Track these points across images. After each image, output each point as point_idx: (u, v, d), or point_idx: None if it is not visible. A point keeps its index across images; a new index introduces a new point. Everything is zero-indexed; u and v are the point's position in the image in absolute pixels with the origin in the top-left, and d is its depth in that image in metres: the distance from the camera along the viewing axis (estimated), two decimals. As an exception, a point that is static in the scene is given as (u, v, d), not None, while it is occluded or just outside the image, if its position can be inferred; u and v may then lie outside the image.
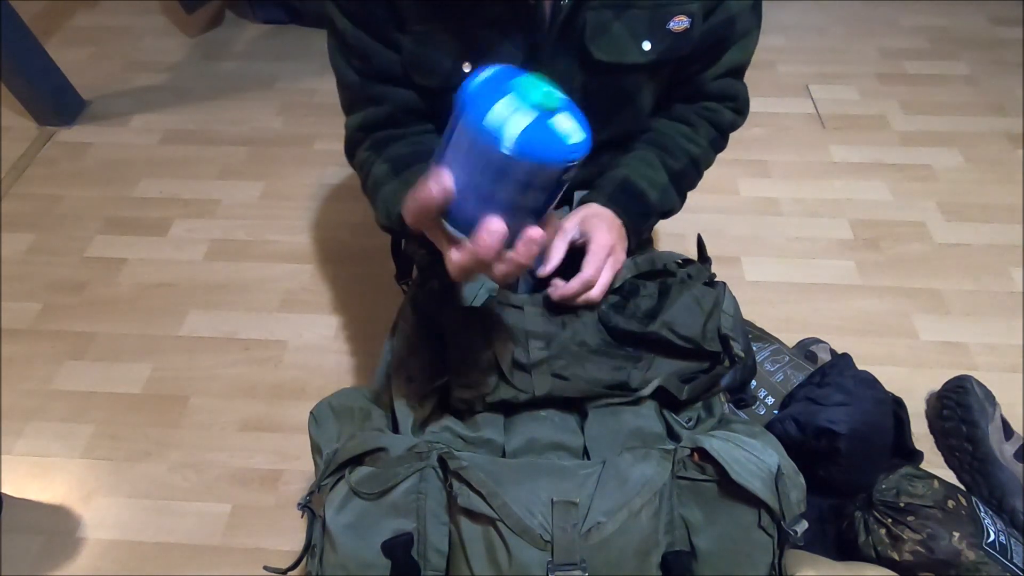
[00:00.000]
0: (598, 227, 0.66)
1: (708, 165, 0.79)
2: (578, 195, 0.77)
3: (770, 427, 0.88)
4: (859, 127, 1.60)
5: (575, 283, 0.64)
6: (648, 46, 0.65)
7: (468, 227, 0.41)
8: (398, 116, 0.71)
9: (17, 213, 1.46)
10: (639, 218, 0.71)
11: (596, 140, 0.73)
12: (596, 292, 0.65)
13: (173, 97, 1.75)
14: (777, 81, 1.73)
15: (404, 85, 0.69)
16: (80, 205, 1.48)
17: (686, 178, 0.76)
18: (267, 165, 1.56)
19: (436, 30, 0.64)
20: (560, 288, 0.64)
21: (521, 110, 0.37)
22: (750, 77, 0.78)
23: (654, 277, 0.74)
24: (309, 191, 1.49)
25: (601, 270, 0.65)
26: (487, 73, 0.39)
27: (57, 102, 1.66)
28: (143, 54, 1.90)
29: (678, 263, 0.76)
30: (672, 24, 0.65)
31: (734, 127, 0.80)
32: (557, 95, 0.39)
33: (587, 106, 0.69)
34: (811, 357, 1.04)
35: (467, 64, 0.66)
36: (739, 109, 0.78)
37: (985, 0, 1.95)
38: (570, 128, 0.39)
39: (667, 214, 0.77)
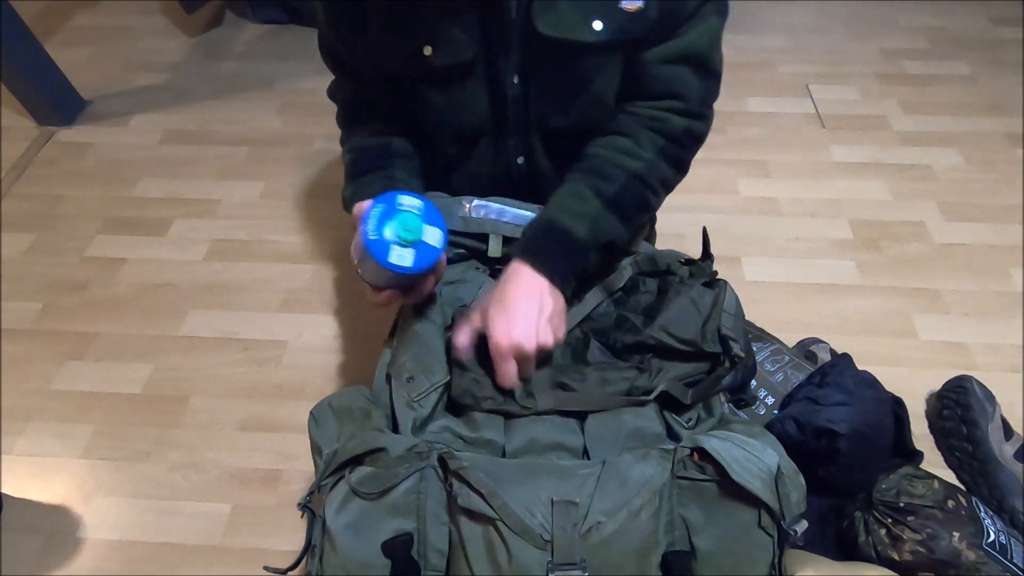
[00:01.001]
0: (495, 317, 0.63)
1: (664, 178, 0.72)
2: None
3: (770, 427, 0.88)
4: (859, 127, 1.60)
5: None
6: (599, 25, 0.64)
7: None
8: (360, 108, 0.80)
9: (17, 213, 1.46)
10: (564, 260, 0.67)
11: (553, 126, 0.74)
12: (508, 382, 0.63)
13: (173, 97, 1.75)
14: (777, 81, 1.73)
15: (366, 83, 0.76)
16: (80, 205, 1.48)
17: (627, 199, 0.69)
18: (267, 165, 1.56)
19: (396, 18, 0.66)
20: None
21: (406, 249, 0.59)
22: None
23: (655, 276, 0.74)
24: (309, 191, 1.50)
25: (507, 373, 0.62)
26: (374, 217, 0.59)
27: (57, 102, 1.66)
28: (143, 54, 1.90)
29: (680, 262, 0.76)
30: (624, 3, 0.64)
31: (691, 134, 0.71)
32: (419, 226, 0.59)
33: (542, 90, 0.71)
34: (811, 357, 1.04)
35: (427, 48, 0.67)
36: (693, 112, 0.70)
37: (985, 0, 1.95)
38: (435, 236, 0.61)
39: (610, 245, 0.70)
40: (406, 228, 0.58)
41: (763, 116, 1.62)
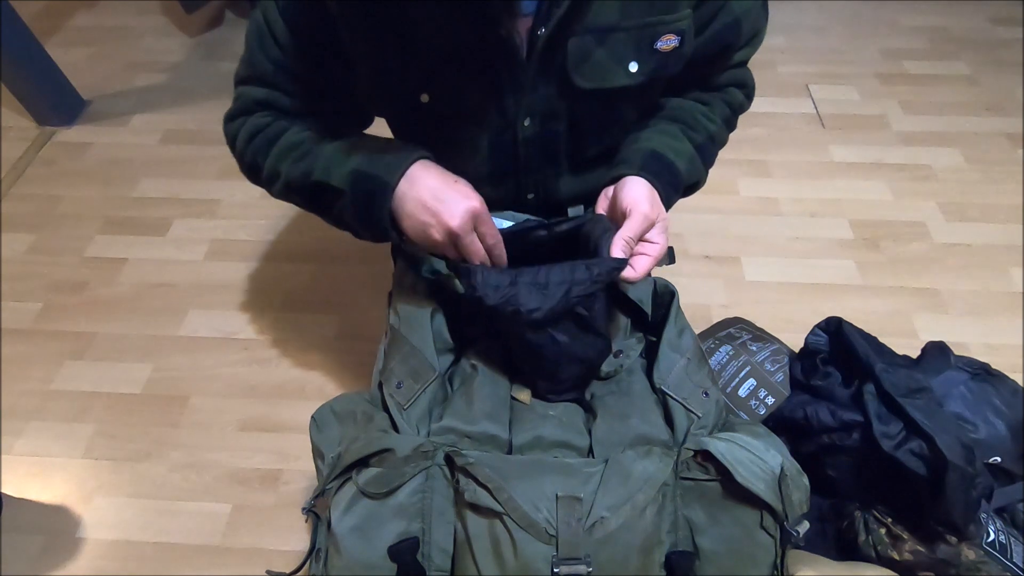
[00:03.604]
0: (639, 190, 0.61)
1: (722, 145, 0.77)
2: (572, 211, 0.76)
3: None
4: (859, 127, 1.60)
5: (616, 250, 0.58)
6: (635, 67, 0.64)
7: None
8: (306, 114, 0.71)
9: (17, 213, 1.46)
10: (670, 189, 0.66)
11: (586, 157, 0.73)
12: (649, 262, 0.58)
13: (173, 97, 1.75)
14: (777, 81, 1.73)
15: (321, 92, 0.69)
16: (80, 205, 1.48)
17: (707, 153, 0.73)
18: (267, 165, 1.56)
19: (388, 61, 0.62)
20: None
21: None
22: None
23: None
24: (309, 191, 1.50)
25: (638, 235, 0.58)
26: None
27: (57, 102, 1.66)
28: (143, 54, 1.90)
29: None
30: (660, 44, 0.63)
31: (742, 110, 0.78)
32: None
33: (576, 129, 0.69)
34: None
35: (425, 95, 0.64)
36: (748, 95, 0.77)
37: (985, 0, 1.95)
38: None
39: (693, 188, 0.73)
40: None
41: (763, 116, 1.62)
